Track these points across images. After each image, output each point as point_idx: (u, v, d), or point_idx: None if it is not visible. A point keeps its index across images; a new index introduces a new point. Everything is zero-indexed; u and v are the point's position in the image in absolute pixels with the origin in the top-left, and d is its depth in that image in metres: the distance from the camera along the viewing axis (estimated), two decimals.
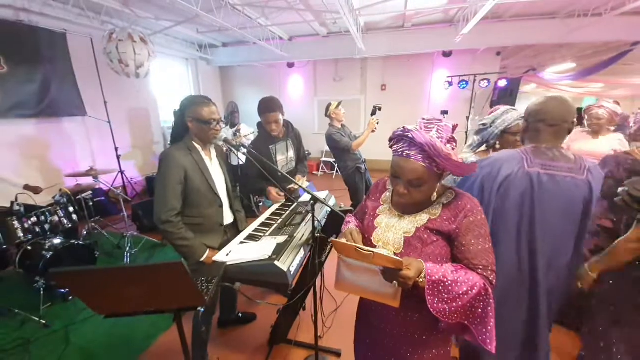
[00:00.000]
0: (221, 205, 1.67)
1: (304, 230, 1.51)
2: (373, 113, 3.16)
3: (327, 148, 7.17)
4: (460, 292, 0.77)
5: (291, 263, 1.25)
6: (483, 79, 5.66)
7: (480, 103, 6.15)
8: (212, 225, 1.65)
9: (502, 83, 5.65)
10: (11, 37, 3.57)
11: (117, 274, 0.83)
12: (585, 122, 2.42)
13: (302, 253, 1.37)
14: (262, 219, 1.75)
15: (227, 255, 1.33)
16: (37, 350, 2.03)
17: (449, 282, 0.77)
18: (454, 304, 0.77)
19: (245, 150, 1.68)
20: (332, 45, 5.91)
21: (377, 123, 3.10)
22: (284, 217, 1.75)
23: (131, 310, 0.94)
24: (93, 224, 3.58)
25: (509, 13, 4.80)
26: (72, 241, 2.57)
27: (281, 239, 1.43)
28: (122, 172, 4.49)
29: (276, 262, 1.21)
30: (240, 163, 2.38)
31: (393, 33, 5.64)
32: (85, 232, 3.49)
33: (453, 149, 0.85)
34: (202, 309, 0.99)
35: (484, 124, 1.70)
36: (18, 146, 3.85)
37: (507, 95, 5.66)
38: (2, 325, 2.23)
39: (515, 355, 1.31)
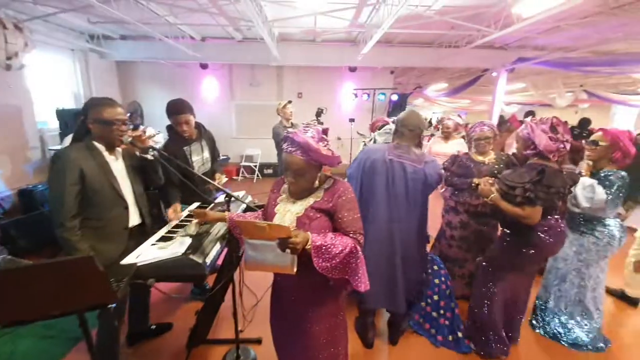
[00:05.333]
0: (127, 207, 1.61)
1: (220, 226, 1.63)
2: (318, 115, 3.53)
3: (246, 152, 7.24)
4: (337, 252, 1.05)
5: (207, 255, 1.36)
6: (380, 93, 6.67)
7: (379, 113, 7.17)
8: (115, 228, 1.58)
9: (394, 97, 6.79)
10: None
11: (20, 274, 0.81)
12: (440, 130, 3.31)
13: (218, 246, 1.49)
14: (176, 221, 1.78)
15: (137, 257, 1.35)
16: None
17: (328, 244, 1.05)
18: (333, 261, 1.05)
19: (155, 153, 1.67)
20: (248, 51, 5.96)
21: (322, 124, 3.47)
22: None
23: (34, 316, 0.91)
24: None
25: (397, 39, 5.77)
26: None
27: (197, 235, 1.51)
28: None
29: (191, 256, 1.30)
30: None
31: (306, 45, 6.07)
32: None
33: (325, 145, 1.14)
34: (114, 305, 1.01)
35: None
36: None
37: (398, 108, 6.77)
38: None
39: (383, 290, 1.81)
